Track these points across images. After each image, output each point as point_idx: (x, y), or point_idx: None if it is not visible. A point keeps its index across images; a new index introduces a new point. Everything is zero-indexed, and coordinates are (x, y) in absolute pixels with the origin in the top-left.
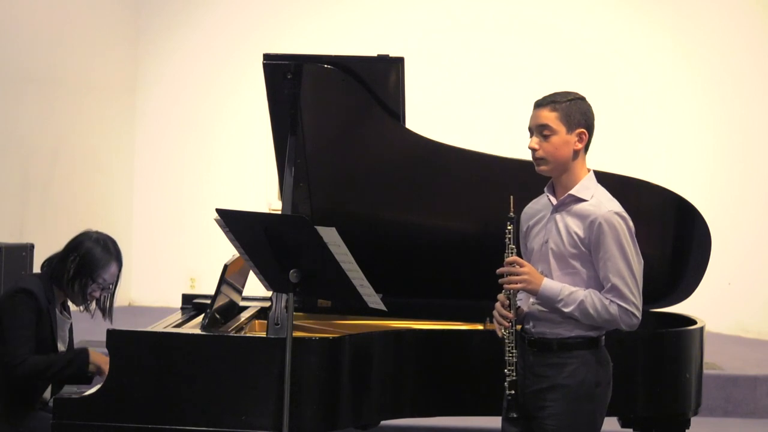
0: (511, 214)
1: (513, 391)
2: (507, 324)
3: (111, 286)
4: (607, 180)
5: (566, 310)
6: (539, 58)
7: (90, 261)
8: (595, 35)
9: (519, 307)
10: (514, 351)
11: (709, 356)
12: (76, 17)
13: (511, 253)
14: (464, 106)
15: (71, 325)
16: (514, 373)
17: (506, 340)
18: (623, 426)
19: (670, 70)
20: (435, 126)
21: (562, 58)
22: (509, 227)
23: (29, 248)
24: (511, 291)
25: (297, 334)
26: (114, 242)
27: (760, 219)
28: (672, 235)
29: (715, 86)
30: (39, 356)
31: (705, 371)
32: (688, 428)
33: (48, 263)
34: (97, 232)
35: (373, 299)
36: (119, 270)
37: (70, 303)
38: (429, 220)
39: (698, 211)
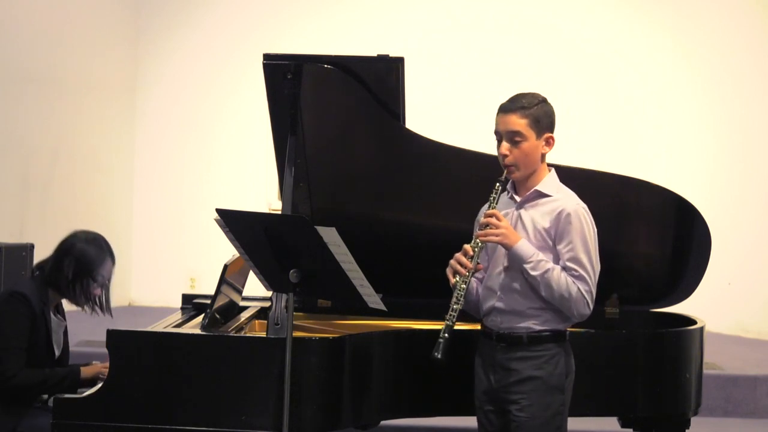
0: (503, 177)
1: (447, 335)
2: (464, 272)
3: (108, 282)
4: (606, 180)
5: (532, 273)
6: (539, 58)
7: (87, 261)
8: (595, 35)
9: (479, 263)
10: (461, 299)
11: (709, 356)
12: (76, 17)
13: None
14: (464, 106)
15: (66, 327)
16: (454, 320)
17: (457, 288)
18: (623, 426)
19: (670, 70)
20: (435, 126)
21: (562, 58)
22: (497, 187)
23: (29, 248)
24: (479, 244)
25: (297, 334)
26: (104, 239)
27: (760, 219)
28: (672, 235)
29: (715, 86)
30: (32, 370)
31: (705, 371)
32: (688, 428)
33: (40, 269)
34: (84, 232)
35: (373, 299)
36: (114, 265)
37: (66, 304)
38: (429, 220)
39: (698, 211)
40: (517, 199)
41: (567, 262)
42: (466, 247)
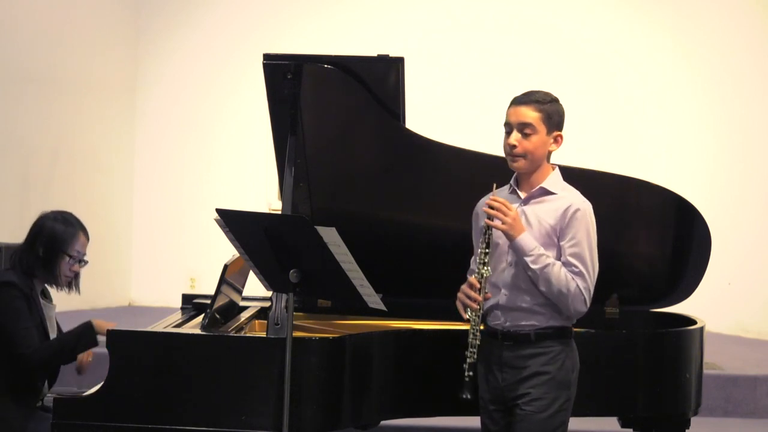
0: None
1: (471, 373)
2: (476, 306)
3: (85, 258)
4: (606, 180)
5: (533, 266)
6: (539, 58)
7: (57, 238)
8: (595, 35)
9: (487, 292)
10: (478, 334)
11: (709, 356)
12: (76, 17)
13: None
14: (464, 106)
15: (54, 310)
16: (475, 356)
17: (472, 323)
18: (623, 426)
19: (670, 70)
20: (435, 126)
21: (562, 58)
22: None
23: None
24: (483, 275)
25: (297, 334)
26: (72, 215)
27: (760, 219)
28: (672, 235)
29: (715, 86)
30: (44, 343)
31: (705, 371)
32: (688, 428)
33: (17, 258)
34: (52, 212)
35: (373, 299)
36: (87, 239)
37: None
38: (429, 220)
39: (698, 211)
40: (521, 195)
41: (569, 257)
42: (472, 280)
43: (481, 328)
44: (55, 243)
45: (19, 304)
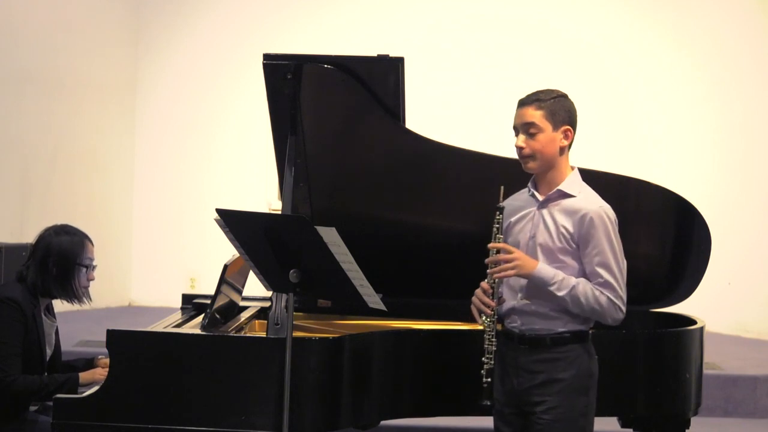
0: (501, 204)
1: (489, 379)
2: (489, 312)
3: (95, 263)
4: (606, 180)
5: (559, 294)
6: (540, 58)
7: (67, 252)
8: (597, 35)
9: (501, 296)
10: (493, 339)
11: (709, 356)
12: (76, 17)
13: (498, 242)
14: (464, 106)
15: (56, 327)
16: (492, 361)
17: (487, 328)
18: (623, 426)
19: (671, 71)
20: (435, 126)
21: (563, 59)
22: (498, 217)
23: (29, 248)
24: (495, 279)
25: (297, 334)
26: (70, 226)
27: (760, 219)
28: (672, 236)
29: (717, 86)
30: (31, 377)
31: (705, 371)
32: (688, 428)
33: (26, 277)
34: (51, 228)
35: (373, 299)
36: (92, 244)
37: (57, 304)
38: (429, 220)
39: (698, 212)
40: (539, 197)
41: (595, 267)
42: (484, 285)
43: (499, 328)
44: (67, 258)
45: (15, 325)
